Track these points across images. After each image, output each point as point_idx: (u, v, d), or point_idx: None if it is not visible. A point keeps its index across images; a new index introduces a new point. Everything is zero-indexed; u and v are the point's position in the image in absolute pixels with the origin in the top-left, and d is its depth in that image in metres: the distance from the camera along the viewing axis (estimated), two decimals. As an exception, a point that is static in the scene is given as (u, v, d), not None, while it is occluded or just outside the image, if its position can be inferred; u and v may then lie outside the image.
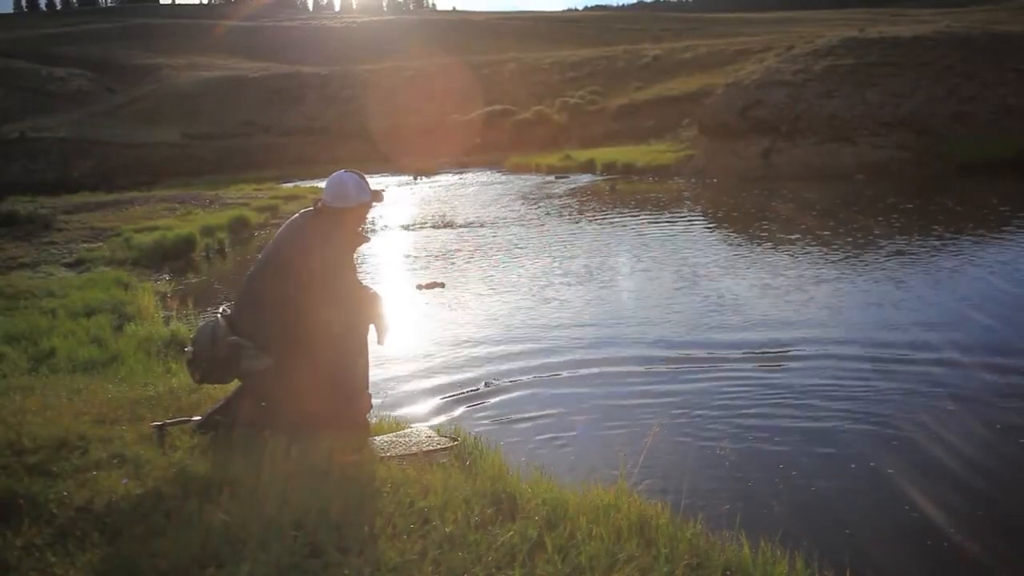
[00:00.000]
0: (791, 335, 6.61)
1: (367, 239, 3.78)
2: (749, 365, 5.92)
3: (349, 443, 3.40)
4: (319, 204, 3.62)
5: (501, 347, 6.74)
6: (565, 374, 5.96)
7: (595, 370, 6.03)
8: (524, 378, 5.87)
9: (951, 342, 6.12)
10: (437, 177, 28.57)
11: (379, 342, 3.66)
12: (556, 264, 10.43)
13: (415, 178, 28.61)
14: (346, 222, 3.59)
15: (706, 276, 9.17)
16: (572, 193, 20.23)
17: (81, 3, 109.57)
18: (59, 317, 6.93)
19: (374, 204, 3.74)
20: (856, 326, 6.82)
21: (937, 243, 10.24)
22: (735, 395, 5.31)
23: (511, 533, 2.54)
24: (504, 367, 6.14)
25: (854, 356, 5.96)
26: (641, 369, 5.99)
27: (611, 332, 7.09)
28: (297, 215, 3.73)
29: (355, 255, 3.77)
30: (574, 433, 4.87)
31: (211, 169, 37.25)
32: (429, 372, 6.14)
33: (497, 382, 5.77)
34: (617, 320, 7.54)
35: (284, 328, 3.40)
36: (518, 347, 6.71)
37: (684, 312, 7.58)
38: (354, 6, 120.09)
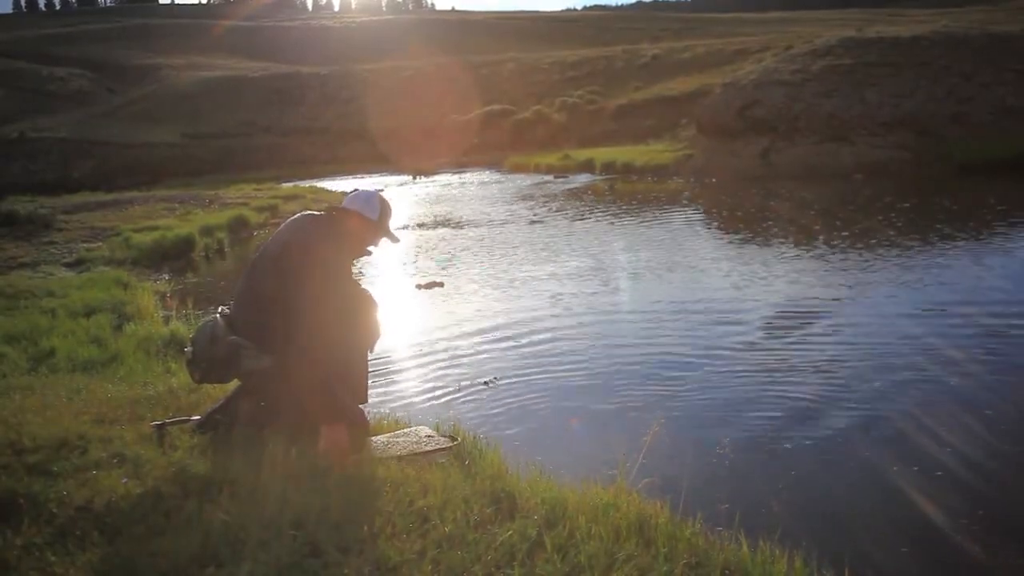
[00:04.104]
0: (792, 334, 6.62)
1: (368, 252, 3.77)
2: (750, 364, 5.92)
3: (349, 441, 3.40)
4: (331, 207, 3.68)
5: (500, 346, 6.74)
6: (564, 373, 5.96)
7: (595, 369, 6.03)
8: (523, 377, 5.87)
9: (952, 341, 6.13)
10: (436, 177, 28.59)
11: (369, 348, 3.68)
12: (555, 263, 10.43)
13: (414, 178, 28.65)
14: (346, 229, 3.59)
15: (706, 275, 9.18)
16: (571, 193, 20.24)
17: (80, 3, 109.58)
18: (59, 317, 6.93)
19: (383, 235, 3.70)
20: (856, 326, 6.82)
21: (936, 243, 10.25)
22: (735, 394, 5.31)
23: (510, 532, 2.55)
24: (503, 366, 6.15)
25: (854, 355, 5.97)
26: (641, 368, 5.99)
27: (611, 331, 7.10)
28: (298, 215, 3.72)
29: (352, 262, 3.77)
30: (573, 432, 4.88)
31: (211, 169, 37.28)
32: (428, 371, 6.15)
33: (496, 381, 5.78)
34: (617, 319, 7.55)
35: (283, 327, 3.39)
36: (517, 346, 6.71)
37: (684, 311, 7.58)
38: (353, 6, 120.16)
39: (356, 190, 3.76)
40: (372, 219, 3.61)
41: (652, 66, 41.45)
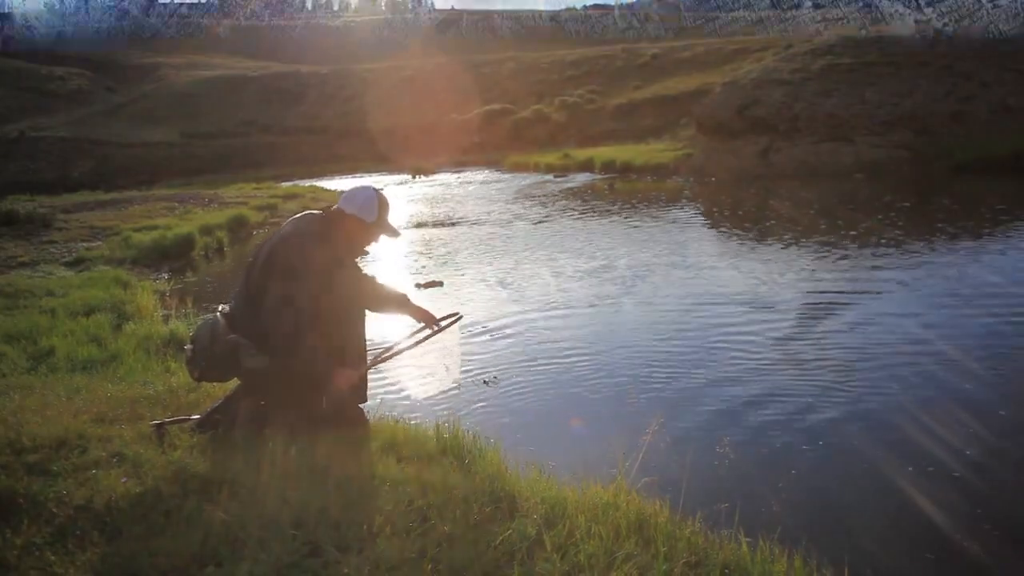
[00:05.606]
0: (792, 334, 6.62)
1: (365, 253, 3.79)
2: (750, 363, 5.92)
3: (348, 438, 3.41)
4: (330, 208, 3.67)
5: (500, 345, 6.74)
6: (564, 372, 5.96)
7: (595, 368, 6.03)
8: (523, 375, 5.87)
9: (952, 341, 6.13)
10: (436, 176, 28.59)
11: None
12: (554, 262, 10.43)
13: (413, 177, 28.64)
14: (343, 229, 3.58)
15: (706, 274, 9.17)
16: (571, 192, 20.24)
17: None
18: (58, 316, 6.92)
19: (381, 232, 3.70)
20: (857, 325, 6.82)
21: (936, 242, 10.25)
22: (735, 393, 5.31)
23: (510, 531, 2.55)
24: (503, 365, 6.14)
25: (854, 355, 5.97)
26: (640, 366, 5.99)
27: (611, 330, 7.10)
28: (297, 215, 3.72)
29: (350, 260, 3.78)
30: (573, 431, 4.88)
31: (210, 168, 37.31)
32: (427, 370, 6.14)
33: (496, 380, 5.78)
34: (617, 318, 7.55)
35: (282, 326, 3.39)
36: (517, 345, 6.71)
37: (684, 310, 7.58)
38: (353, 6, 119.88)
39: (355, 188, 3.74)
40: (370, 222, 3.60)
41: (652, 65, 41.47)
